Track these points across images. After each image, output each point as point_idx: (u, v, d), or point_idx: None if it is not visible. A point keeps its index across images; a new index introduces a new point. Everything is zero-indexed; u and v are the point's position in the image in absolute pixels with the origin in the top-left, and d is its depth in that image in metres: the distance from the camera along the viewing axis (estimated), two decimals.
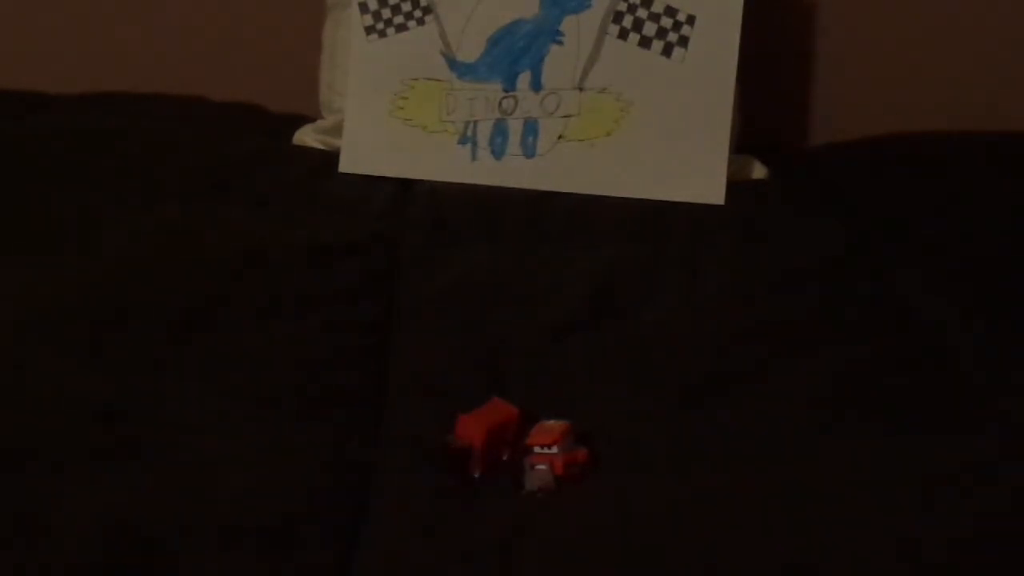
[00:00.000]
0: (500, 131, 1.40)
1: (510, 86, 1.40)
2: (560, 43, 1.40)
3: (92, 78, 1.59)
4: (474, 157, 1.40)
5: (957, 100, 1.59)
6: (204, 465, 0.87)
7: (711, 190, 1.38)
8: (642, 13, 1.39)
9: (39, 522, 0.85)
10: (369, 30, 1.42)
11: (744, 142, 1.44)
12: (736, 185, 1.39)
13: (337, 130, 1.44)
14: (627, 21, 1.40)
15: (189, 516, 0.83)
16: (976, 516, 0.86)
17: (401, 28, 1.42)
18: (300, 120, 1.53)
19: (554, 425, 0.90)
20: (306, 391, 1.00)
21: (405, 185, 1.40)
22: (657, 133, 1.39)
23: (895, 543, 0.84)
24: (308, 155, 1.47)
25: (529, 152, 1.40)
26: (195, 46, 1.62)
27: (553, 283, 1.19)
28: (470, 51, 1.41)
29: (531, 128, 1.40)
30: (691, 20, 1.39)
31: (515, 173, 1.39)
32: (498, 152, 1.40)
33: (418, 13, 1.41)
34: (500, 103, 1.40)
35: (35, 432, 0.94)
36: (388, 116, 1.41)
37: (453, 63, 1.41)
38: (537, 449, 0.88)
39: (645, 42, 1.40)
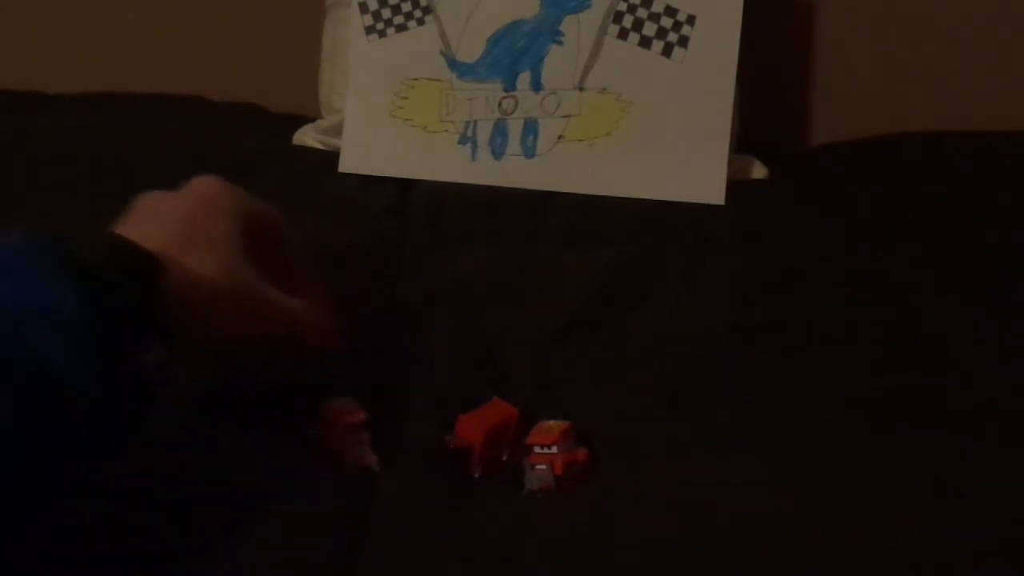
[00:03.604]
0: (500, 131, 1.40)
1: (510, 86, 1.40)
2: (560, 43, 1.40)
3: (92, 78, 1.59)
4: (474, 157, 1.40)
5: (957, 100, 1.59)
6: (203, 464, 0.87)
7: (711, 190, 1.38)
8: (642, 13, 1.39)
9: None
10: (369, 30, 1.42)
11: (744, 142, 1.45)
12: (736, 185, 1.39)
13: (337, 130, 1.44)
14: (627, 21, 1.40)
15: (189, 516, 0.83)
16: (976, 517, 0.86)
17: (401, 28, 1.42)
18: (300, 120, 1.53)
19: (554, 425, 0.90)
20: (305, 391, 1.00)
21: (405, 185, 1.40)
22: (657, 133, 1.39)
23: (895, 544, 0.83)
24: (308, 155, 1.47)
25: (529, 152, 1.40)
26: (195, 46, 1.62)
27: (553, 283, 1.19)
28: (470, 51, 1.41)
29: (531, 128, 1.40)
30: (691, 20, 1.39)
31: (515, 173, 1.40)
32: (498, 152, 1.40)
33: (418, 13, 1.41)
34: (500, 103, 1.40)
35: None
36: (388, 116, 1.41)
37: (453, 63, 1.41)
38: (537, 449, 0.88)
39: (645, 42, 1.40)
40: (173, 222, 0.81)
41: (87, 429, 0.70)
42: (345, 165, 1.41)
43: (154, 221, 0.81)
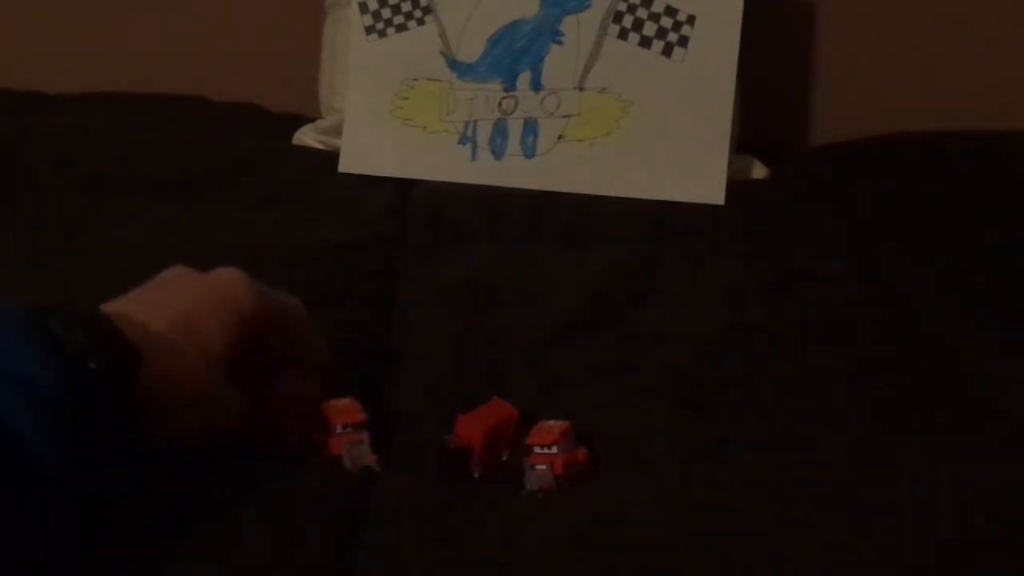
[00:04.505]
0: (500, 131, 1.40)
1: (510, 86, 1.40)
2: (560, 43, 1.40)
3: (92, 78, 1.59)
4: (474, 157, 1.40)
5: (957, 100, 1.59)
6: (203, 464, 0.87)
7: (711, 190, 1.38)
8: (642, 13, 1.39)
9: None
10: (369, 30, 1.42)
11: (744, 142, 1.45)
12: (736, 185, 1.39)
13: (337, 130, 1.45)
14: (627, 21, 1.40)
15: (188, 517, 0.83)
16: (976, 517, 0.86)
17: (401, 28, 1.42)
18: (300, 120, 1.53)
19: (554, 425, 0.90)
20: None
21: (405, 185, 1.40)
22: (657, 133, 1.39)
23: (895, 544, 0.83)
24: (308, 155, 1.47)
25: (529, 152, 1.40)
26: (195, 46, 1.62)
27: (553, 283, 1.19)
28: (470, 51, 1.41)
29: (531, 128, 1.40)
30: (691, 20, 1.39)
31: (515, 173, 1.40)
32: (498, 152, 1.40)
33: (418, 13, 1.41)
34: (500, 103, 1.41)
35: None
36: (388, 116, 1.41)
37: (453, 63, 1.41)
38: (537, 449, 0.88)
39: (645, 42, 1.40)
40: (178, 312, 0.83)
41: (42, 494, 0.72)
42: (345, 165, 1.41)
43: (161, 305, 0.84)
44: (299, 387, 0.90)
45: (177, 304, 0.84)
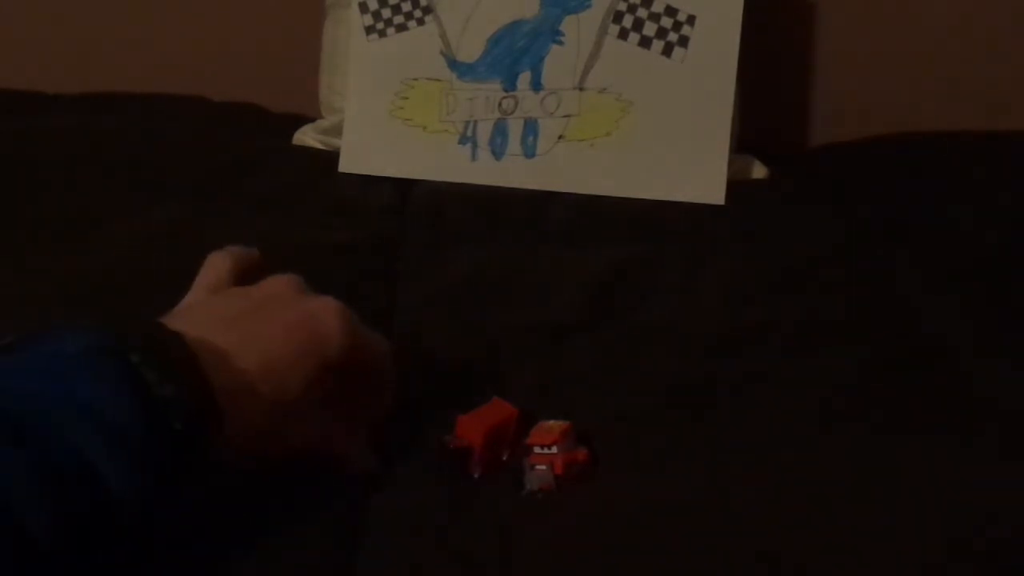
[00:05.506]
0: (500, 131, 1.40)
1: (510, 86, 1.40)
2: (560, 43, 1.40)
3: (92, 78, 1.59)
4: (474, 157, 1.40)
5: (957, 100, 1.59)
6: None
7: (711, 190, 1.38)
8: (642, 13, 1.39)
9: None
10: (369, 30, 1.42)
11: (744, 142, 1.45)
12: (736, 185, 1.39)
13: (337, 130, 1.45)
14: (627, 21, 1.40)
15: (188, 515, 0.83)
16: (976, 516, 0.86)
17: (401, 28, 1.42)
18: (300, 120, 1.53)
19: (554, 425, 0.90)
20: None
21: (405, 185, 1.40)
22: (657, 133, 1.39)
23: (895, 543, 0.84)
24: (308, 155, 1.47)
25: (529, 152, 1.40)
26: (195, 46, 1.62)
27: (553, 283, 1.19)
28: (470, 51, 1.41)
29: (531, 128, 1.40)
30: (691, 20, 1.39)
31: (515, 173, 1.40)
32: (498, 152, 1.40)
33: (418, 13, 1.41)
34: (500, 103, 1.41)
35: None
36: (388, 116, 1.41)
37: (453, 63, 1.41)
38: (537, 449, 0.88)
39: (645, 42, 1.40)
40: (268, 359, 0.81)
41: (116, 526, 0.72)
42: (345, 165, 1.41)
43: (256, 343, 0.81)
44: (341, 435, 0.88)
45: (270, 344, 0.82)
